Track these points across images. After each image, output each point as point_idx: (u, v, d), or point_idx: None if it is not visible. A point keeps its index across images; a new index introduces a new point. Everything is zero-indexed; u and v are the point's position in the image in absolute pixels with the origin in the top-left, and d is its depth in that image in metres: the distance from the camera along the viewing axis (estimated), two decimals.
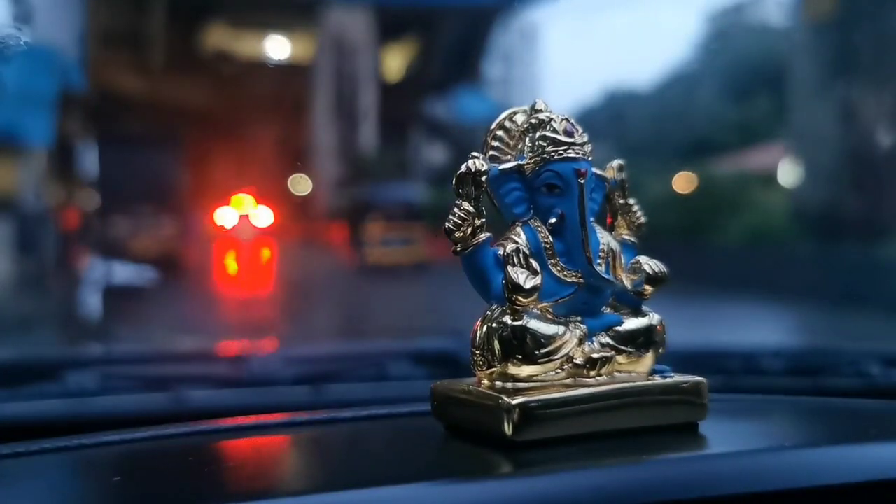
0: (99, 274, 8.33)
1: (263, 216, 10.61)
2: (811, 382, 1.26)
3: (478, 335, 0.62)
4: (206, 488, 0.54)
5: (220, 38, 26.35)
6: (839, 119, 10.17)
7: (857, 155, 10.00)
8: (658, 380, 0.63)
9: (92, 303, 7.28)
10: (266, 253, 11.56)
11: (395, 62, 28.00)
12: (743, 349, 1.46)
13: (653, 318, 0.65)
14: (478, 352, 0.61)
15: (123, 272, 8.80)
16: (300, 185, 25.63)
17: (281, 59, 27.91)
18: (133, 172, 12.94)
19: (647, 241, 0.67)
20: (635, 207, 0.68)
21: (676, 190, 12.22)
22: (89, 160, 12.11)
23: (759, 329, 6.51)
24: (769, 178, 13.24)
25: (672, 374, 0.64)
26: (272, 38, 27.67)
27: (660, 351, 0.65)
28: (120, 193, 12.48)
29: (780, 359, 1.38)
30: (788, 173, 12.35)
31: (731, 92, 19.10)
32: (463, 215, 0.61)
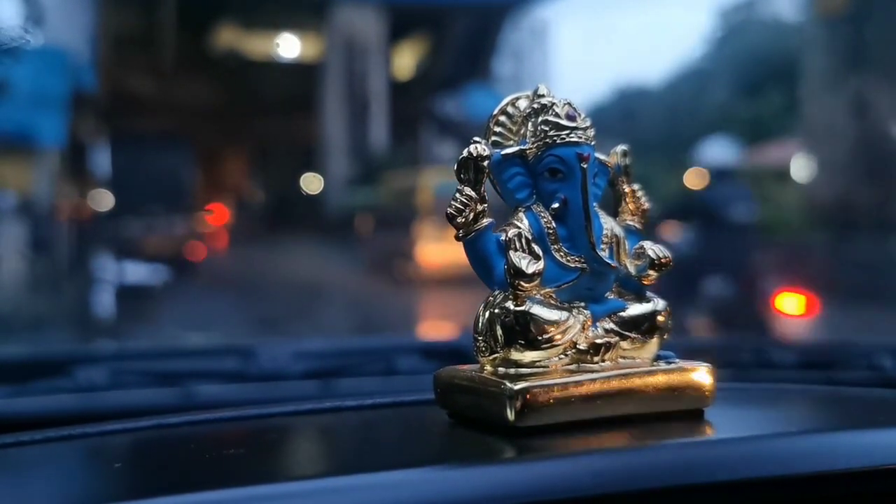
0: (111, 273, 8.37)
1: (220, 215, 13.78)
2: (823, 376, 1.25)
3: (480, 321, 0.61)
4: (208, 473, 0.54)
5: (230, 37, 26.43)
6: (853, 114, 10.10)
7: (871, 150, 9.94)
8: (663, 366, 0.63)
9: (104, 302, 7.32)
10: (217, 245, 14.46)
11: (406, 60, 28.01)
12: (754, 342, 1.45)
13: (657, 304, 0.64)
14: (480, 338, 0.61)
15: (135, 271, 8.84)
16: (312, 184, 25.76)
17: (291, 58, 28.01)
18: (145, 172, 13.00)
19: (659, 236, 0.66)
20: (639, 193, 0.68)
21: (689, 186, 12.17)
22: (101, 160, 12.17)
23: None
24: (782, 174, 13.17)
25: (677, 360, 0.64)
26: (283, 38, 27.73)
27: (664, 337, 0.64)
28: (132, 193, 12.54)
29: (792, 352, 1.37)
30: (802, 168, 12.28)
31: (743, 88, 19.01)
32: (465, 201, 0.61)
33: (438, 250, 9.44)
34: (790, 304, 4.29)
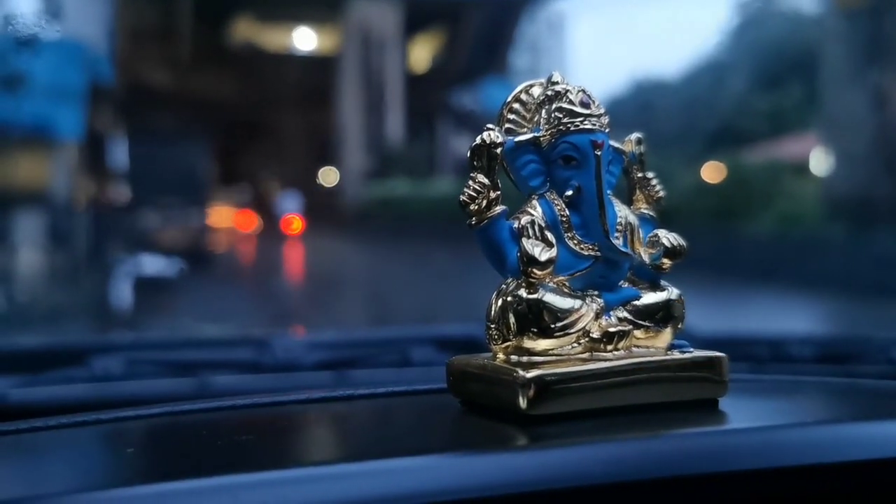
0: (128, 265, 8.42)
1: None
2: (840, 369, 1.24)
3: (493, 309, 0.61)
4: (220, 459, 0.54)
5: (247, 31, 26.52)
6: (872, 107, 10.02)
7: (891, 143, 9.86)
8: (677, 355, 0.62)
9: (121, 293, 7.37)
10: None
11: (422, 53, 28.01)
12: (770, 336, 1.44)
13: (671, 293, 0.64)
14: (493, 326, 0.61)
15: (152, 263, 8.90)
16: (329, 176, 25.81)
17: (308, 51, 28.04)
18: (161, 164, 13.06)
19: (676, 230, 0.66)
20: (654, 181, 0.67)
21: (706, 179, 12.14)
22: (119, 153, 12.23)
23: (789, 317, 6.46)
24: (801, 168, 13.09)
25: (691, 350, 0.63)
26: (299, 31, 27.79)
27: (679, 326, 0.64)
28: (148, 185, 12.62)
29: (809, 346, 1.36)
30: (820, 162, 12.20)
31: (761, 81, 18.90)
32: (478, 188, 0.60)
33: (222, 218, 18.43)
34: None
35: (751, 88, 19.11)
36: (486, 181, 0.61)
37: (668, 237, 0.63)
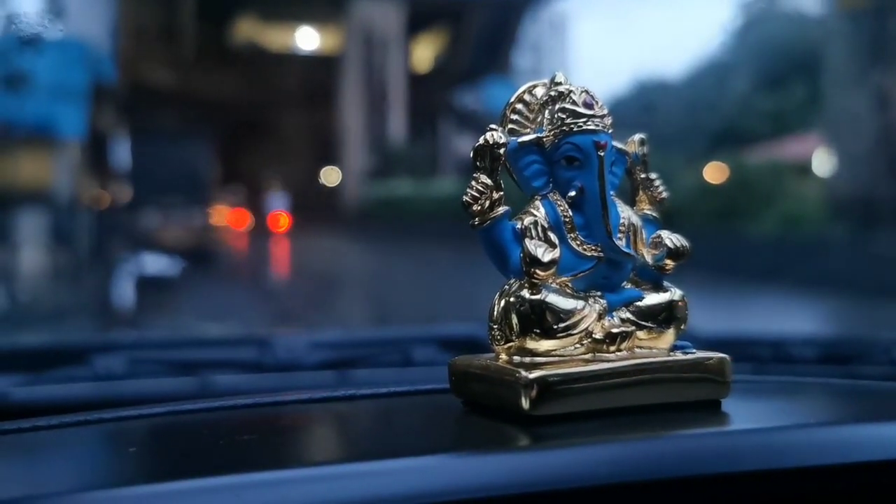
0: (130, 264, 8.44)
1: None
2: (843, 371, 1.24)
3: (495, 309, 0.61)
4: (221, 458, 0.54)
5: (249, 30, 26.52)
6: (875, 108, 10.01)
7: (893, 144, 9.85)
8: (679, 356, 0.62)
9: (123, 293, 7.38)
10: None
11: (425, 53, 28.00)
12: (773, 337, 1.43)
13: (674, 294, 0.64)
14: (495, 326, 0.61)
15: (154, 262, 8.92)
16: (331, 176, 25.80)
17: (310, 51, 28.04)
18: (164, 163, 13.08)
19: (679, 230, 0.65)
20: (657, 182, 0.67)
21: (708, 180, 12.13)
22: (121, 152, 12.25)
23: (791, 318, 6.45)
24: (803, 168, 13.09)
25: (694, 351, 0.63)
26: (302, 31, 27.79)
27: (681, 327, 0.64)
28: (150, 184, 12.63)
29: (812, 347, 1.36)
30: (823, 163, 12.20)
31: (764, 81, 18.89)
32: (481, 188, 0.60)
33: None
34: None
35: (753, 89, 19.10)
36: (489, 182, 0.61)
37: (671, 238, 0.63)
